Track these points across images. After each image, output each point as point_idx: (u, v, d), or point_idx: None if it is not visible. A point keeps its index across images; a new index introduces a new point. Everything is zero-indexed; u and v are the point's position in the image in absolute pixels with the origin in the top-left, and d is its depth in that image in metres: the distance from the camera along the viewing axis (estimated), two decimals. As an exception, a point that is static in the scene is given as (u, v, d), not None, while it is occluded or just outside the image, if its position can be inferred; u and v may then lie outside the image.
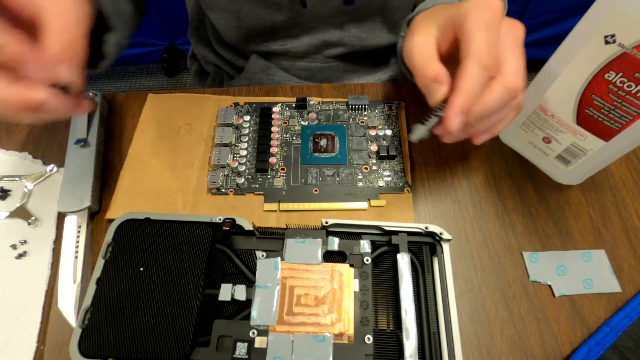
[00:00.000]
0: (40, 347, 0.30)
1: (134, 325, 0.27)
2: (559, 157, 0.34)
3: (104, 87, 1.41)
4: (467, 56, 0.26)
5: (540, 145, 0.35)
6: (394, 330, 0.29)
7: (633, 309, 0.30)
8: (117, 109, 0.41)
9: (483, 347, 0.29)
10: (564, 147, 0.33)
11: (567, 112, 0.31)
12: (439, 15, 0.30)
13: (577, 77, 0.29)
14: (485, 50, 0.26)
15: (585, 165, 0.33)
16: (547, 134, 0.33)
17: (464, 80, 0.26)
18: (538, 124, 0.34)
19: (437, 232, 0.30)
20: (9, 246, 0.33)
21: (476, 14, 0.26)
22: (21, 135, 0.39)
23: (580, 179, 0.36)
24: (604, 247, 0.33)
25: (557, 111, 0.31)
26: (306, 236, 0.30)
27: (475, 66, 0.25)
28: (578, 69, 0.28)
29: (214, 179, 0.35)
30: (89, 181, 0.35)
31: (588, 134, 0.30)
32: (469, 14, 0.27)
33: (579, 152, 0.32)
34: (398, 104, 0.40)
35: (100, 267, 0.29)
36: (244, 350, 0.27)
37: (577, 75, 0.29)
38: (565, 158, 0.34)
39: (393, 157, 0.37)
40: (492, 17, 0.26)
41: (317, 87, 0.43)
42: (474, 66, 0.25)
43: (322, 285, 0.29)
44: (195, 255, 0.29)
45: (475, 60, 0.25)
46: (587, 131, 0.30)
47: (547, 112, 0.32)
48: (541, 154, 0.35)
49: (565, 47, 0.29)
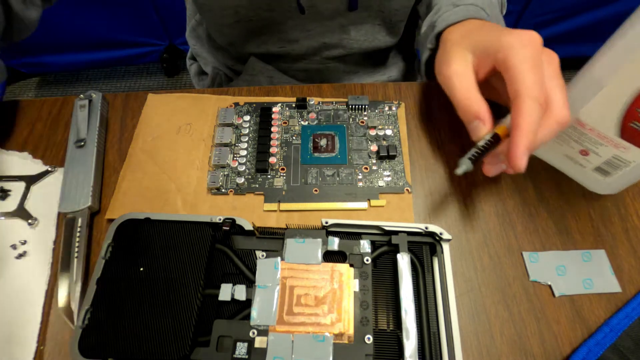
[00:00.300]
0: (40, 347, 0.30)
1: (134, 325, 0.27)
2: (597, 169, 0.33)
3: (104, 87, 1.41)
4: (520, 95, 0.26)
5: (577, 158, 0.33)
6: (394, 330, 0.29)
7: (633, 309, 0.30)
8: (117, 109, 0.41)
9: (483, 347, 0.29)
10: (604, 160, 0.31)
11: (610, 126, 0.29)
12: (475, 40, 0.31)
13: (622, 91, 0.27)
14: (537, 87, 0.26)
15: (626, 176, 0.32)
16: (584, 147, 0.32)
17: (524, 119, 0.26)
18: (575, 137, 0.32)
19: (437, 232, 0.30)
20: (9, 246, 0.33)
21: (521, 51, 0.27)
22: (21, 135, 0.39)
23: (619, 189, 0.34)
24: (604, 247, 0.33)
25: (598, 125, 0.30)
26: (306, 236, 0.30)
27: (532, 104, 0.26)
28: (624, 82, 0.26)
29: (214, 179, 0.35)
30: (89, 181, 0.35)
31: (632, 146, 0.29)
32: (512, 50, 0.27)
33: (620, 164, 0.31)
34: (398, 104, 0.40)
35: (100, 267, 0.29)
36: (244, 350, 0.27)
37: (622, 89, 0.27)
38: (605, 170, 0.32)
39: (393, 157, 0.37)
40: (537, 54, 0.27)
41: (317, 87, 0.43)
42: (531, 104, 0.26)
43: (322, 285, 0.29)
44: (195, 255, 0.29)
45: (531, 98, 0.26)
46: (631, 144, 0.29)
47: (585, 126, 0.31)
48: (577, 166, 0.34)
49: (608, 62, 0.27)
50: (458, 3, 0.37)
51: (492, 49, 0.29)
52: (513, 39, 0.28)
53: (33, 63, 1.28)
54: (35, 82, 1.41)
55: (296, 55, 0.50)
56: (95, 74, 1.43)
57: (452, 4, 0.38)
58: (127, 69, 1.45)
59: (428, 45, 0.38)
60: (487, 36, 0.30)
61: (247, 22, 0.46)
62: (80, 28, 1.17)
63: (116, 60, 1.31)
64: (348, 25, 0.48)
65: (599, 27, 1.14)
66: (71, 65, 1.31)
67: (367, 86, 0.42)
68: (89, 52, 1.26)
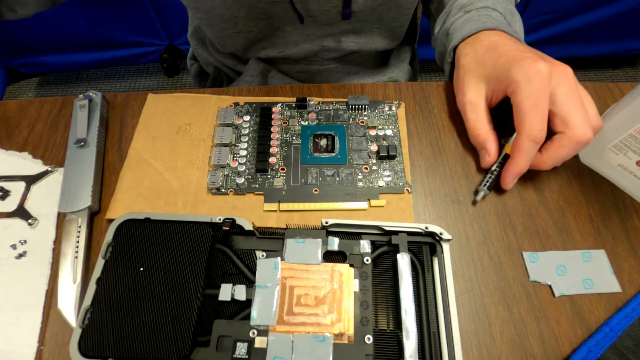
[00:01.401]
0: (40, 347, 0.30)
1: (134, 325, 0.27)
2: None
3: (104, 87, 1.41)
4: (519, 133, 0.31)
5: (633, 169, 0.33)
6: (394, 330, 0.29)
7: (633, 309, 0.30)
8: (117, 109, 0.41)
9: (483, 347, 0.29)
10: None
11: None
12: (489, 70, 0.34)
13: None
14: (535, 127, 0.30)
15: None
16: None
17: (518, 154, 0.32)
18: (634, 147, 0.32)
19: (437, 232, 0.30)
20: (9, 246, 0.33)
21: (526, 88, 0.30)
22: (21, 135, 0.39)
23: None
24: (604, 247, 0.33)
25: None
26: (306, 236, 0.30)
27: (527, 143, 0.31)
28: None
29: (214, 179, 0.35)
30: (89, 181, 0.35)
31: None
32: (518, 87, 0.31)
33: None
34: (398, 104, 0.40)
35: (100, 267, 0.29)
36: (244, 350, 0.27)
37: None
38: None
39: (393, 157, 0.37)
40: (541, 88, 0.30)
41: (317, 87, 0.43)
42: (526, 143, 0.31)
43: (322, 285, 0.29)
44: (195, 255, 0.29)
45: (528, 137, 0.31)
46: None
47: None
48: (632, 178, 0.34)
49: None
50: (469, 9, 0.38)
51: (504, 83, 0.32)
52: (520, 75, 0.31)
53: (33, 63, 1.28)
54: (35, 82, 1.41)
55: (296, 57, 0.51)
56: (95, 74, 1.43)
57: (462, 10, 0.38)
58: (127, 69, 1.45)
59: (448, 59, 0.40)
60: (500, 66, 0.33)
61: (247, 32, 0.46)
62: (80, 28, 1.17)
63: (116, 60, 1.31)
64: (347, 30, 0.48)
65: (598, 28, 1.14)
66: (71, 65, 1.31)
67: (367, 86, 0.42)
68: (89, 52, 1.26)
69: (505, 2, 0.41)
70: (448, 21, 0.40)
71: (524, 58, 0.32)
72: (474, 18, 0.38)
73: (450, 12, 0.41)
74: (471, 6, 0.39)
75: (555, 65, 0.31)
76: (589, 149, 0.36)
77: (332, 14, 0.44)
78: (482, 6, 0.38)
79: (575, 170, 0.37)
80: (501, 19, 0.38)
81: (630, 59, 1.36)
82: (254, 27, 0.46)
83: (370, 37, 0.49)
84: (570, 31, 1.16)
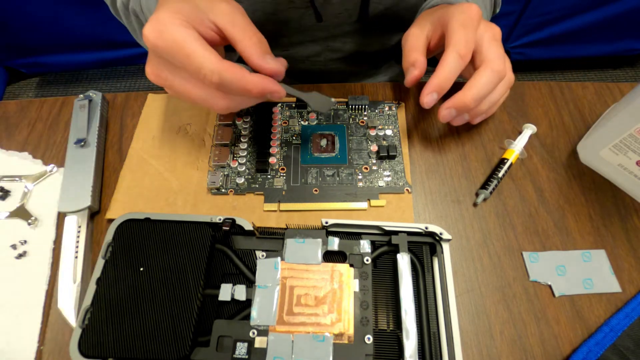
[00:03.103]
0: (40, 347, 0.30)
1: (134, 325, 0.27)
2: None
3: (104, 87, 1.41)
4: (447, 47, 0.32)
5: (632, 169, 0.33)
6: (394, 330, 0.29)
7: (633, 309, 0.30)
8: (117, 109, 0.41)
9: (483, 347, 0.29)
10: None
11: None
12: (437, 14, 0.35)
13: None
14: (462, 42, 0.31)
15: None
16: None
17: (442, 65, 0.31)
18: (634, 147, 0.32)
19: (437, 232, 0.30)
20: (9, 246, 0.33)
21: (457, 16, 0.32)
22: (21, 135, 0.39)
23: None
24: (604, 247, 0.33)
25: None
26: (306, 236, 0.30)
27: (452, 54, 0.31)
28: None
29: (213, 179, 0.35)
30: (89, 181, 0.35)
31: None
32: (451, 16, 0.33)
33: None
34: (398, 104, 0.40)
35: (100, 267, 0.29)
36: (244, 350, 0.27)
37: None
38: None
39: (393, 157, 0.37)
40: (470, 19, 0.32)
41: (317, 87, 0.43)
42: (451, 54, 0.31)
43: (322, 285, 0.29)
44: (195, 255, 0.29)
45: (453, 50, 0.31)
46: None
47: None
48: (632, 178, 0.34)
49: None
50: None
51: (441, 19, 0.34)
52: (455, 10, 0.33)
53: (33, 63, 1.28)
54: (35, 82, 1.41)
55: (299, 57, 0.51)
56: (95, 74, 1.43)
57: None
58: (127, 69, 1.45)
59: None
60: (443, 9, 0.34)
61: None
62: (80, 28, 1.17)
63: (116, 60, 1.31)
64: (357, 29, 0.47)
65: (598, 28, 1.14)
66: (71, 65, 1.31)
67: (367, 86, 0.42)
68: (89, 52, 1.26)
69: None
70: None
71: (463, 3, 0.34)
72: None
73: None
74: None
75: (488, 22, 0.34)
76: (589, 149, 0.36)
77: (346, 16, 0.44)
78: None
79: (575, 170, 0.37)
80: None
81: (630, 59, 1.36)
82: (261, 27, 0.46)
83: (374, 37, 0.49)
84: (570, 31, 1.15)
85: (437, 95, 0.32)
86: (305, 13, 0.43)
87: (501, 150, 0.38)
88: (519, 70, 1.36)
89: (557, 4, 1.09)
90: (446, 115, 0.33)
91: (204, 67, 0.26)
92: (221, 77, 0.27)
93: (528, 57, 1.24)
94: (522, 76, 1.36)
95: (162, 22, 0.27)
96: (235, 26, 0.29)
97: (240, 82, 0.27)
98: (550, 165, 0.37)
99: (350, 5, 0.43)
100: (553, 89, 0.42)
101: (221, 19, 0.28)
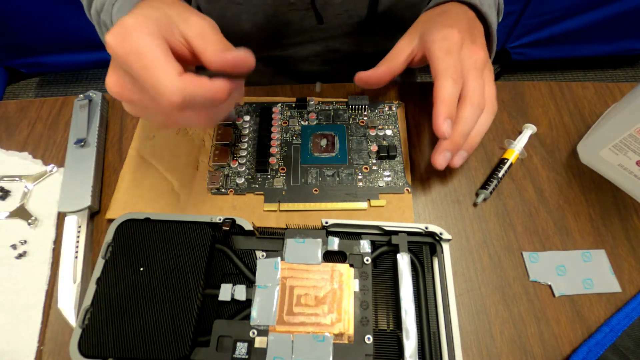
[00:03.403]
0: (40, 347, 0.30)
1: (134, 325, 0.27)
2: None
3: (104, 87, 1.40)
4: (437, 74, 0.31)
5: (632, 169, 0.33)
6: (394, 330, 0.29)
7: (633, 309, 0.30)
8: (117, 109, 0.41)
9: (483, 347, 0.29)
10: None
11: None
12: (427, 27, 0.35)
13: None
14: (451, 67, 0.31)
15: None
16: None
17: (441, 92, 0.31)
18: (634, 147, 0.32)
19: (437, 232, 0.30)
20: (9, 246, 0.33)
21: (439, 43, 0.32)
22: (21, 135, 0.39)
23: None
24: (604, 247, 0.33)
25: None
26: (306, 236, 0.30)
27: (447, 79, 0.31)
28: None
29: (213, 179, 0.35)
30: (89, 181, 0.35)
31: None
32: (433, 43, 0.32)
33: None
34: (398, 104, 0.40)
35: (100, 267, 0.29)
36: (244, 350, 0.27)
37: None
38: None
39: (393, 157, 0.37)
40: (452, 45, 0.32)
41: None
42: (446, 79, 0.31)
43: (322, 285, 0.29)
44: (195, 255, 0.29)
45: (446, 75, 0.31)
46: None
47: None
48: (632, 178, 0.34)
49: None
50: None
51: (427, 42, 0.33)
52: (437, 35, 0.33)
53: (33, 63, 1.28)
54: (35, 82, 1.41)
55: (299, 57, 0.50)
56: (95, 74, 1.43)
57: None
58: (127, 69, 1.44)
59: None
60: (433, 27, 0.34)
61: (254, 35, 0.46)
62: (80, 28, 1.17)
63: (116, 60, 1.31)
64: (357, 30, 0.47)
65: (598, 28, 1.14)
66: (71, 65, 1.31)
67: (367, 86, 0.42)
68: (89, 52, 1.26)
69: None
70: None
71: (448, 26, 0.33)
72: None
73: None
74: None
75: (472, 44, 0.33)
76: (589, 149, 0.36)
77: (344, 17, 0.44)
78: None
79: (575, 170, 0.37)
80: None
81: (630, 59, 1.36)
82: (261, 30, 0.46)
83: (374, 39, 0.49)
84: (570, 31, 1.15)
85: (450, 121, 0.31)
86: (306, 15, 0.43)
87: (501, 150, 0.38)
88: (519, 70, 1.36)
89: (557, 4, 1.08)
90: (442, 160, 0.32)
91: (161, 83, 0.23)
92: (185, 94, 0.23)
93: (528, 57, 1.24)
94: (522, 76, 1.36)
95: (126, 27, 0.24)
96: (205, 38, 0.26)
97: (204, 91, 0.24)
98: (550, 165, 0.37)
99: (350, 6, 0.43)
100: (553, 89, 0.42)
101: (192, 31, 0.26)
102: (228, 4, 0.42)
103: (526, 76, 1.36)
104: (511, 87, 0.42)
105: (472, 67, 0.32)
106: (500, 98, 0.41)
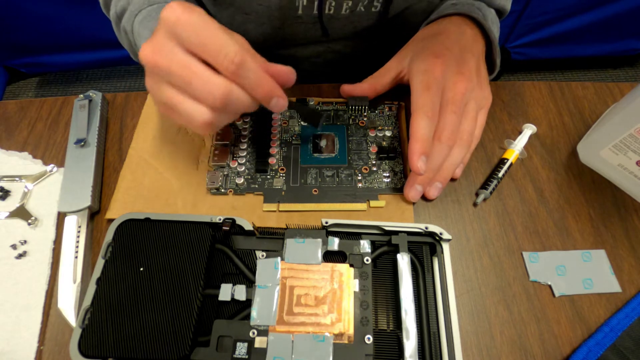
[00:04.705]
0: (40, 347, 0.30)
1: (134, 325, 0.27)
2: None
3: (104, 87, 1.41)
4: (414, 110, 0.32)
5: (632, 169, 0.33)
6: (394, 330, 0.29)
7: (633, 309, 0.30)
8: (117, 109, 0.41)
9: (483, 347, 0.29)
10: None
11: None
12: (417, 49, 0.36)
13: None
14: (427, 104, 0.32)
15: None
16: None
17: (415, 129, 0.32)
18: (634, 147, 0.32)
19: (437, 232, 0.30)
20: (9, 246, 0.33)
21: (420, 77, 0.33)
22: (21, 135, 0.39)
23: None
24: (604, 247, 0.33)
25: None
26: (306, 236, 0.30)
27: (422, 118, 0.32)
28: None
29: (213, 179, 0.35)
30: (89, 181, 0.35)
31: None
32: (416, 75, 0.34)
33: None
34: (398, 105, 0.40)
35: (100, 267, 0.29)
36: (244, 350, 0.27)
37: None
38: None
39: (393, 158, 0.37)
40: (432, 80, 0.33)
41: (317, 87, 0.43)
42: (421, 118, 0.32)
43: (322, 285, 0.29)
44: (195, 255, 0.29)
45: (421, 113, 0.32)
46: None
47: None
48: (632, 178, 0.34)
49: None
50: (457, 2, 0.39)
51: (411, 71, 0.35)
52: (419, 66, 0.34)
53: (33, 63, 1.28)
54: (35, 82, 1.41)
55: (300, 56, 0.50)
56: (95, 74, 1.43)
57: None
58: (127, 69, 1.45)
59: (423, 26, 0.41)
60: (421, 53, 0.35)
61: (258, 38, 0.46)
62: (80, 28, 1.17)
63: (116, 60, 1.31)
64: (359, 34, 0.47)
65: (598, 28, 1.14)
66: (71, 65, 1.31)
67: (367, 86, 0.42)
68: (89, 52, 1.26)
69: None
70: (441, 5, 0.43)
71: (434, 55, 0.34)
72: (453, 7, 0.40)
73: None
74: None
75: (457, 74, 0.33)
76: (589, 149, 0.36)
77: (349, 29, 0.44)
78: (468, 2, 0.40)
79: (575, 170, 0.37)
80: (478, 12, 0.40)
81: (630, 59, 1.36)
82: (267, 39, 0.46)
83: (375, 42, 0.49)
84: (570, 31, 1.15)
85: (425, 157, 0.32)
86: (312, 28, 0.44)
87: (501, 150, 0.38)
88: (519, 70, 1.36)
89: (557, 4, 1.09)
90: (414, 194, 0.33)
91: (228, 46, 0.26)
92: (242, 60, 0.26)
93: (528, 57, 1.24)
94: (522, 76, 1.36)
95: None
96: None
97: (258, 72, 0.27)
98: (550, 165, 0.37)
99: (357, 19, 0.43)
100: (553, 89, 0.42)
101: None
102: (235, 13, 0.42)
103: (526, 76, 1.36)
104: (511, 87, 0.42)
105: (450, 101, 0.33)
106: (500, 98, 0.41)
